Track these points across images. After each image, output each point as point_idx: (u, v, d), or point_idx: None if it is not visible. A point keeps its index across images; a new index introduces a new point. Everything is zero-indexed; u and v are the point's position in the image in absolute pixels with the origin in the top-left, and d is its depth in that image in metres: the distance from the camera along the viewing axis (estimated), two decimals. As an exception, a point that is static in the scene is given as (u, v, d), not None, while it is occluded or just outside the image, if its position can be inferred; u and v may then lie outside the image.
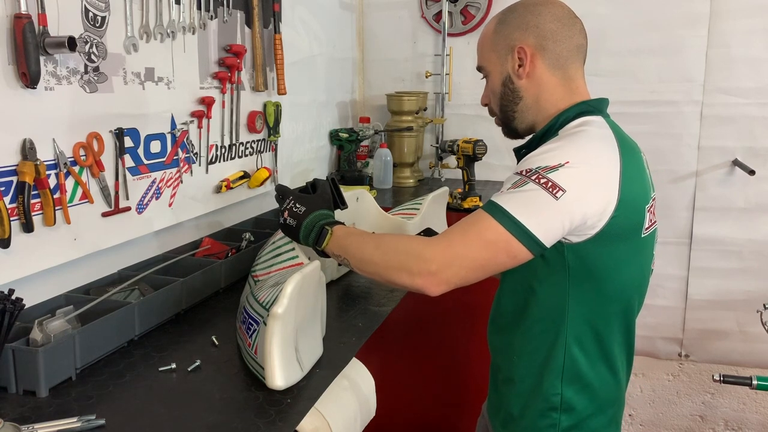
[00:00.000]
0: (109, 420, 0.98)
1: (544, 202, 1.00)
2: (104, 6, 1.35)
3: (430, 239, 1.06)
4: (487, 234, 1.02)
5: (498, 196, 1.05)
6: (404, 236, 1.14)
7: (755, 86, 2.47)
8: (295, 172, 2.33)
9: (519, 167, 1.07)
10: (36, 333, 1.09)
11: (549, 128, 1.18)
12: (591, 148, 1.08)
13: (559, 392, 1.16)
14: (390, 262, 1.07)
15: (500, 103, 1.24)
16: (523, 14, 1.20)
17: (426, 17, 2.87)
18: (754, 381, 1.95)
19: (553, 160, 1.03)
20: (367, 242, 1.12)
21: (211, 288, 1.52)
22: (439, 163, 2.90)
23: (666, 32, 2.54)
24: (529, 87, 1.20)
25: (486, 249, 1.02)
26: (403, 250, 1.06)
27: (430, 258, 1.02)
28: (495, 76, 1.23)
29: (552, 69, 1.19)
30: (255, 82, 1.94)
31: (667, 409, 2.84)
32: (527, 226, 1.00)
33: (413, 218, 1.82)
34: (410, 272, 1.03)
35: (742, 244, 2.58)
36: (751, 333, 2.58)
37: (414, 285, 1.04)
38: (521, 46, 1.18)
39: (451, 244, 1.03)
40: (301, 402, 1.06)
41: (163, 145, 1.58)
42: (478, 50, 1.27)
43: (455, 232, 1.06)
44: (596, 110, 1.18)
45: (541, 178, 1.01)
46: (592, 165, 1.05)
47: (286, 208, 1.22)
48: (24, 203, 1.18)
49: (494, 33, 1.22)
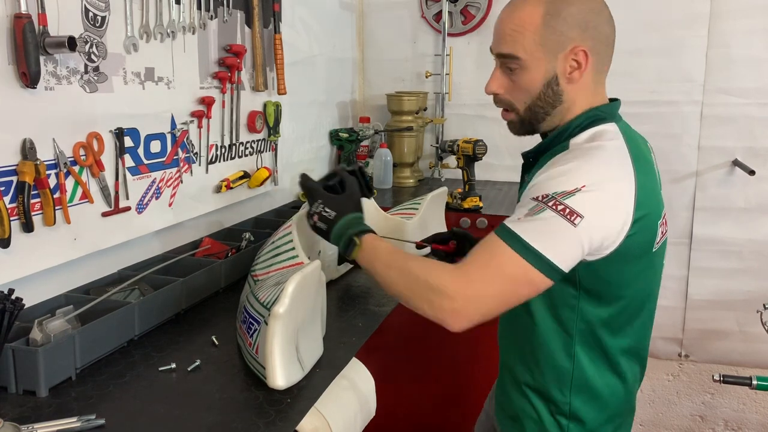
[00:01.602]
0: (109, 420, 0.98)
1: (563, 230, 0.98)
2: (104, 6, 1.35)
3: (452, 271, 1.03)
4: (507, 268, 1.00)
5: (515, 224, 1.01)
6: (427, 264, 1.07)
7: (755, 86, 2.47)
8: (295, 172, 2.33)
9: (534, 191, 1.03)
10: (36, 333, 1.09)
11: (559, 134, 1.13)
12: (606, 168, 1.04)
13: (568, 401, 1.16)
14: (414, 291, 1.06)
15: (535, 102, 1.12)
16: (584, 11, 1.08)
17: (426, 17, 2.86)
18: (754, 381, 1.95)
19: (569, 184, 1.00)
20: (392, 265, 1.10)
21: (211, 288, 1.52)
22: (439, 163, 2.90)
23: (666, 32, 2.54)
24: (571, 91, 1.11)
25: (507, 283, 1.01)
26: (426, 282, 1.03)
27: (453, 295, 1.00)
28: (536, 73, 1.09)
29: (595, 75, 1.12)
30: (255, 82, 1.94)
31: (667, 409, 2.84)
32: (547, 256, 0.98)
33: (412, 218, 1.82)
34: (432, 306, 1.02)
35: (742, 244, 2.58)
36: (751, 333, 2.58)
37: (436, 318, 1.04)
38: (582, 49, 1.07)
39: (471, 280, 1.01)
40: (301, 402, 1.06)
41: (163, 145, 1.58)
42: (512, 37, 1.09)
43: (475, 266, 1.02)
44: (609, 116, 1.14)
45: (558, 205, 0.98)
46: (608, 187, 1.02)
47: (316, 212, 1.20)
48: (24, 203, 1.18)
49: (544, 25, 1.07)
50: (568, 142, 1.11)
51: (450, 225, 2.13)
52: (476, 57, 2.82)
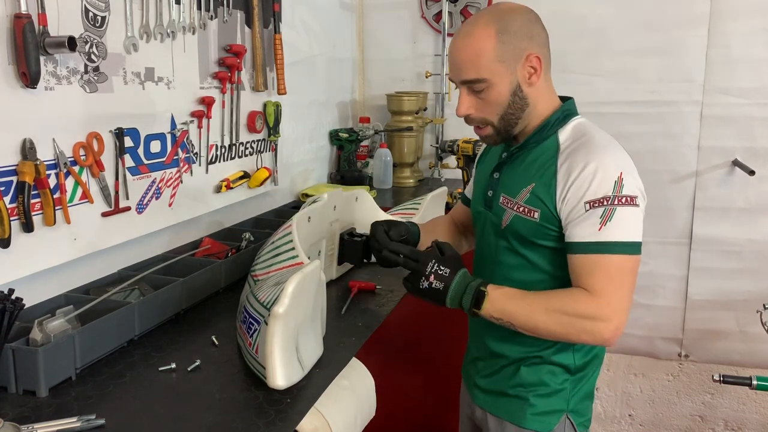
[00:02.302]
0: (108, 420, 0.98)
1: (635, 214, 1.15)
2: (104, 6, 1.35)
3: (592, 297, 1.14)
4: (625, 269, 1.15)
5: (602, 234, 1.13)
6: (565, 298, 1.16)
7: (755, 86, 2.47)
8: (295, 172, 2.33)
9: (588, 196, 1.14)
10: (36, 333, 1.09)
11: (541, 129, 1.25)
12: (615, 150, 1.20)
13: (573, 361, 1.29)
14: (567, 327, 1.15)
15: (506, 111, 1.23)
16: (525, 22, 1.21)
17: (426, 17, 2.87)
18: (754, 381, 1.95)
19: (611, 178, 1.14)
20: (534, 308, 1.16)
21: (211, 288, 1.52)
22: (439, 163, 2.90)
23: (666, 32, 2.54)
24: (532, 92, 1.23)
25: (631, 278, 1.16)
26: (577, 316, 1.14)
27: (607, 317, 1.13)
28: (502, 86, 1.20)
29: (545, 74, 1.24)
30: (255, 82, 1.94)
31: (667, 409, 2.84)
32: (639, 239, 1.15)
33: (412, 218, 1.82)
34: (593, 334, 1.14)
35: (742, 244, 2.58)
36: (751, 333, 2.58)
37: (597, 343, 1.21)
38: (536, 55, 1.20)
39: (611, 298, 1.13)
40: (301, 402, 1.06)
41: (163, 145, 1.58)
42: (473, 62, 1.20)
43: (604, 284, 1.14)
44: (575, 110, 1.29)
45: (621, 198, 1.13)
46: (628, 162, 1.18)
47: (432, 272, 1.21)
48: (24, 203, 1.18)
49: (499, 43, 1.18)
50: (556, 135, 1.24)
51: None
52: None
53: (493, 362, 1.35)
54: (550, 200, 1.19)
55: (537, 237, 1.22)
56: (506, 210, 1.26)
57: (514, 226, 1.25)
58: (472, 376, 1.44)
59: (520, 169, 1.27)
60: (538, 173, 1.22)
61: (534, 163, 1.24)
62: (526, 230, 1.23)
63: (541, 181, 1.21)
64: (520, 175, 1.26)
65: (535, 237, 1.23)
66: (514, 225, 1.25)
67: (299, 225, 1.39)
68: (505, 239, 1.28)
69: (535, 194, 1.21)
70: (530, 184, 1.22)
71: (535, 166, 1.23)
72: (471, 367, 1.46)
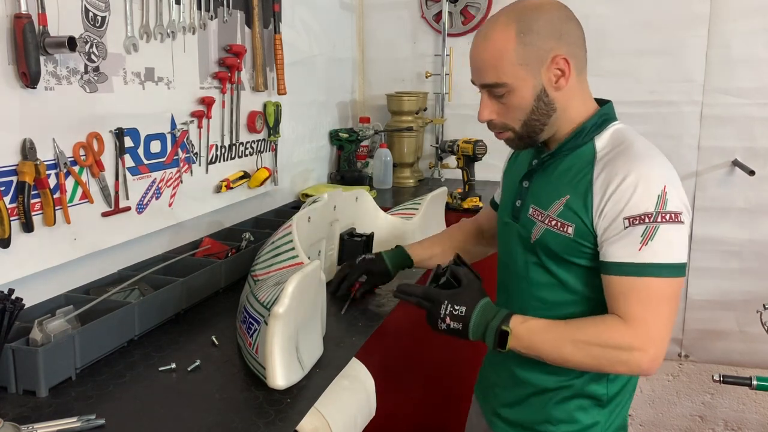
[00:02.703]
0: (108, 420, 0.98)
1: (680, 232, 1.05)
2: (104, 6, 1.35)
3: (627, 326, 1.05)
4: (665, 294, 1.05)
5: (642, 254, 1.04)
6: (596, 328, 1.07)
7: (755, 86, 2.47)
8: (295, 172, 2.33)
9: (628, 212, 1.05)
10: (36, 333, 1.09)
11: (577, 134, 1.15)
12: (658, 160, 1.11)
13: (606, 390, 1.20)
14: (600, 359, 1.07)
15: (530, 117, 1.13)
16: (551, 21, 1.10)
17: (426, 17, 2.87)
18: (753, 381, 1.95)
19: (653, 191, 1.05)
20: (563, 341, 1.08)
21: (211, 288, 1.52)
22: (439, 163, 2.90)
23: (666, 32, 2.54)
24: (561, 97, 1.13)
25: (672, 304, 1.07)
26: (610, 346, 1.06)
27: (643, 347, 1.04)
28: (524, 91, 1.11)
29: (578, 75, 1.14)
30: (255, 82, 1.94)
31: (667, 410, 2.84)
32: (683, 261, 1.06)
33: (412, 218, 1.82)
34: (629, 365, 1.06)
35: (742, 244, 2.58)
36: (751, 333, 2.58)
37: (633, 373, 1.12)
38: (563, 57, 1.10)
39: (648, 326, 1.04)
40: (301, 402, 1.06)
41: (163, 145, 1.58)
42: (492, 65, 1.11)
43: (641, 310, 1.05)
44: (614, 115, 1.19)
45: (664, 215, 1.04)
46: (672, 173, 1.09)
47: (447, 314, 1.13)
48: (24, 203, 1.18)
49: (520, 45, 1.08)
50: (592, 142, 1.15)
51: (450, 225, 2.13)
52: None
53: (517, 390, 1.26)
54: (586, 214, 1.09)
55: (570, 254, 1.13)
56: (536, 223, 1.17)
57: (544, 241, 1.15)
58: (491, 402, 1.34)
59: (552, 178, 1.17)
60: (572, 183, 1.12)
61: (567, 172, 1.14)
62: (559, 246, 1.13)
63: (576, 192, 1.11)
64: (552, 185, 1.17)
65: (567, 254, 1.13)
66: (544, 240, 1.15)
67: (299, 225, 1.39)
68: (534, 254, 1.19)
69: (569, 207, 1.11)
70: (564, 195, 1.13)
71: (569, 176, 1.14)
72: (489, 393, 1.35)
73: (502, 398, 1.30)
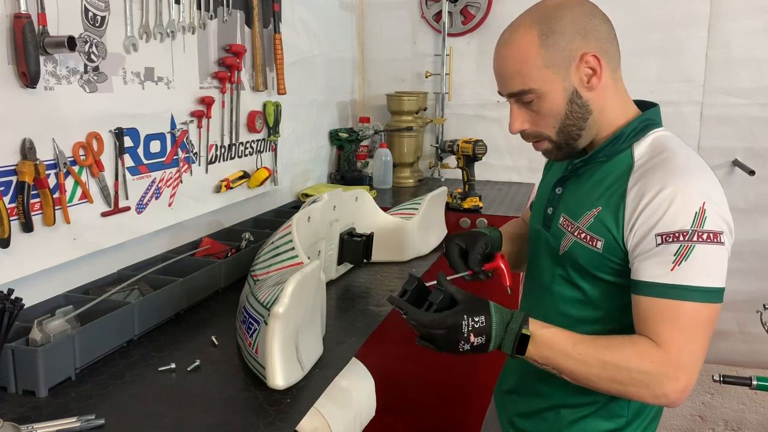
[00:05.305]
0: (108, 420, 0.98)
1: (719, 254, 0.97)
2: (104, 6, 1.35)
3: (658, 352, 0.97)
4: (701, 319, 0.98)
5: (675, 276, 0.96)
6: (624, 350, 0.99)
7: (755, 86, 2.47)
8: (294, 172, 2.33)
9: (660, 229, 0.97)
10: (36, 333, 1.09)
11: (615, 140, 1.08)
12: (703, 170, 1.03)
13: (626, 413, 1.14)
14: (626, 383, 0.99)
15: (564, 123, 1.07)
16: (574, 18, 1.04)
17: (426, 17, 2.86)
18: (753, 381, 1.95)
19: (691, 207, 0.96)
20: (585, 359, 0.99)
21: (210, 288, 1.52)
22: (438, 163, 2.90)
23: (666, 32, 2.54)
24: (596, 98, 1.07)
25: (706, 331, 0.99)
26: (638, 371, 0.98)
27: (673, 375, 0.97)
28: (555, 95, 1.05)
29: (612, 73, 1.07)
30: (255, 82, 1.94)
31: (667, 409, 2.84)
32: (720, 285, 0.98)
33: (412, 218, 1.82)
34: (655, 393, 0.98)
35: (742, 244, 2.57)
36: (751, 333, 2.58)
37: (658, 402, 1.01)
38: (593, 53, 1.03)
39: (681, 352, 0.97)
40: (301, 402, 1.06)
41: (162, 145, 1.58)
42: (517, 72, 1.05)
43: (673, 335, 0.97)
44: (659, 120, 1.12)
45: (701, 234, 0.96)
46: (716, 191, 1.00)
47: (470, 331, 1.01)
48: (24, 203, 1.18)
49: (543, 47, 1.03)
50: (630, 149, 1.07)
51: (450, 225, 2.13)
52: (476, 57, 2.82)
53: (532, 402, 1.21)
54: (617, 228, 1.02)
55: (598, 269, 1.07)
56: (566, 234, 1.11)
57: (573, 254, 1.09)
58: (509, 410, 1.29)
59: (586, 186, 1.10)
60: (606, 195, 1.06)
61: (602, 182, 1.08)
62: (587, 260, 1.07)
63: (608, 204, 1.05)
64: (585, 194, 1.10)
65: (595, 269, 1.07)
66: (573, 252, 1.09)
67: (299, 225, 1.39)
68: (561, 267, 1.13)
69: (600, 220, 1.05)
70: (596, 207, 1.06)
71: (604, 186, 1.07)
72: (507, 399, 1.30)
73: (518, 407, 1.25)
